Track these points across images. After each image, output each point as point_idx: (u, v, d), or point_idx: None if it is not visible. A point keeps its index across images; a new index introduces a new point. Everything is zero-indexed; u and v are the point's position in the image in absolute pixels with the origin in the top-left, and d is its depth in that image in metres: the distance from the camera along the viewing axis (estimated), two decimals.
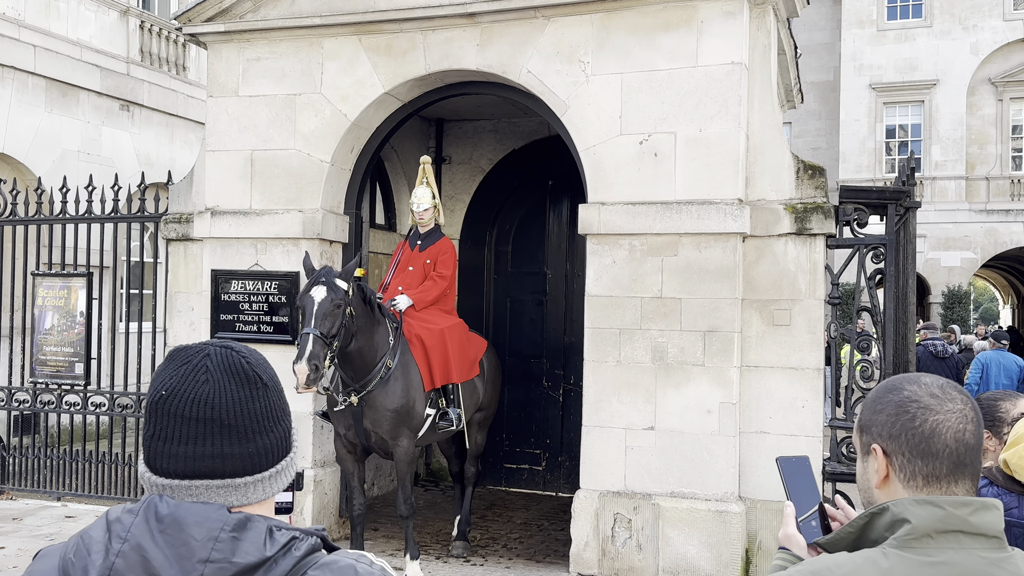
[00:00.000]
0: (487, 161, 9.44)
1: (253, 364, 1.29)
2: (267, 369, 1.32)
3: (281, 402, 1.32)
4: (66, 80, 12.34)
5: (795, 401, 6.14)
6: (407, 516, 6.09)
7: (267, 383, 1.29)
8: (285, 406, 1.33)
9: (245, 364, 1.28)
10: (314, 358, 5.22)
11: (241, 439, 1.25)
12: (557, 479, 9.07)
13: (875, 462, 1.53)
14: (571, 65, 6.44)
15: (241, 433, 1.24)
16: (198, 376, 1.25)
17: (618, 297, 6.30)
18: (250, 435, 1.25)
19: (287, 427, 1.32)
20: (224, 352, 1.29)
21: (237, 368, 1.27)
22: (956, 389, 1.52)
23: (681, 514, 6.09)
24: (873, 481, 1.54)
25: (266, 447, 1.27)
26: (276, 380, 1.33)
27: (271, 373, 1.32)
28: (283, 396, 1.33)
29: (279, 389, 1.32)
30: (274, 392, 1.30)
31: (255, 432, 1.26)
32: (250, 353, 1.31)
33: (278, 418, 1.30)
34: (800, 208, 6.13)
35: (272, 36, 7.23)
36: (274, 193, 7.20)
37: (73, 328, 8.29)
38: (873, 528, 1.47)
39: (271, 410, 1.29)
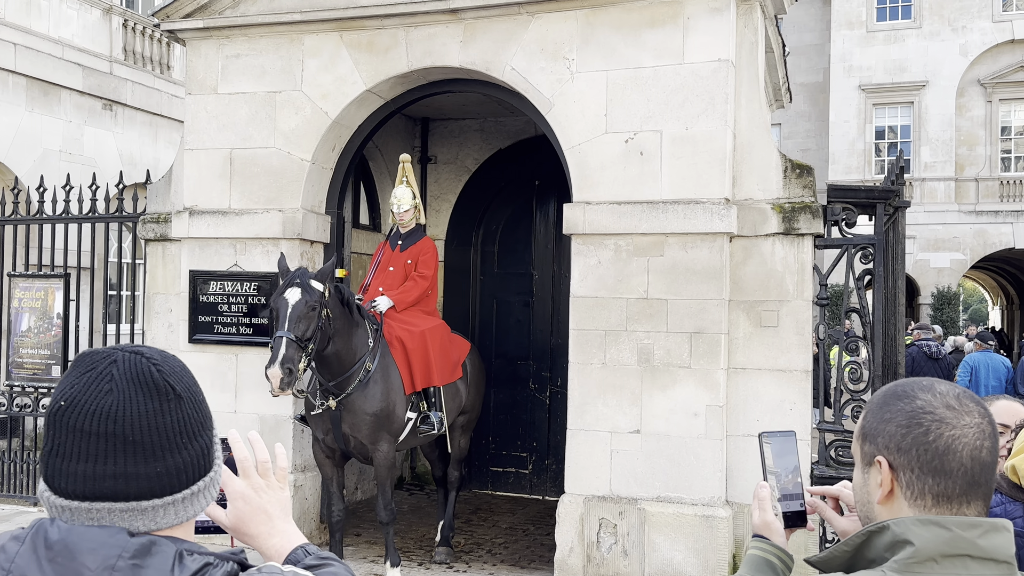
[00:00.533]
0: (473, 161, 9.32)
1: (165, 372, 1.16)
2: (183, 378, 1.19)
3: (199, 415, 1.19)
4: (47, 79, 12.18)
5: (783, 403, 6.04)
6: (387, 522, 5.97)
7: (181, 394, 1.16)
8: (205, 419, 1.20)
9: (155, 372, 1.15)
10: (287, 362, 5.09)
11: (148, 457, 1.11)
12: (544, 483, 8.95)
13: (878, 475, 1.39)
14: (556, 62, 6.33)
15: (148, 451, 1.11)
16: (101, 385, 1.12)
17: (603, 298, 6.19)
18: (159, 453, 1.12)
19: (206, 443, 1.19)
20: (132, 359, 1.15)
21: (146, 377, 1.14)
22: (973, 400, 1.38)
23: (667, 519, 5.98)
24: (874, 496, 1.40)
25: (178, 466, 1.14)
26: (194, 390, 1.20)
27: (188, 382, 1.20)
28: (203, 408, 1.20)
29: (198, 400, 1.19)
30: (190, 404, 1.17)
31: (165, 449, 1.13)
32: (164, 360, 1.19)
33: (194, 433, 1.17)
34: (788, 208, 6.03)
35: (252, 32, 7.10)
36: (254, 192, 7.07)
37: (50, 330, 8.13)
38: (871, 547, 1.34)
39: (185, 424, 1.16)
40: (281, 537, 1.37)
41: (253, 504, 1.37)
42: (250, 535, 1.39)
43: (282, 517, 1.39)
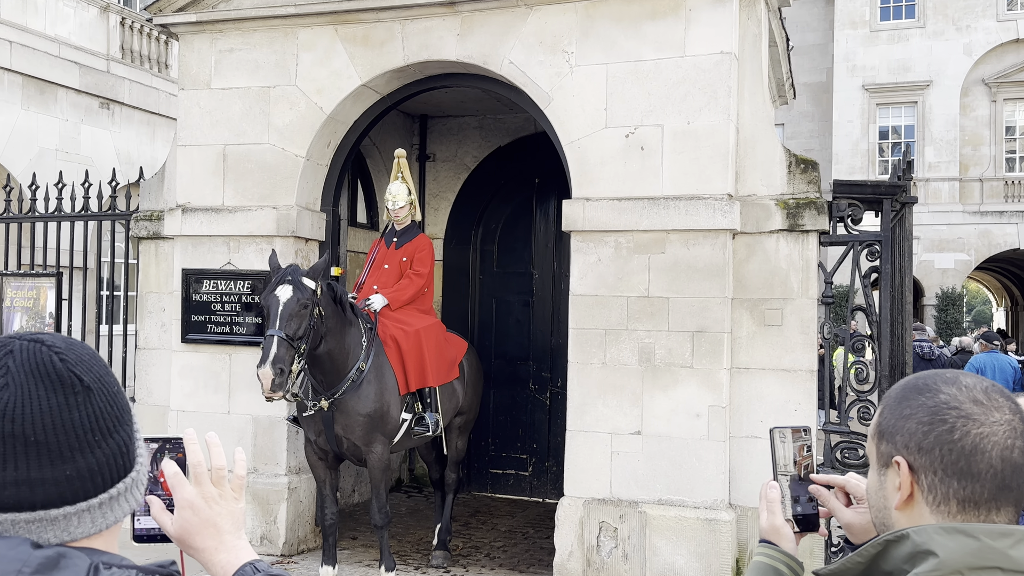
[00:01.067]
0: (472, 159, 9.19)
1: (70, 361, 1.01)
2: (93, 367, 1.04)
3: (113, 408, 1.04)
4: (43, 77, 12.07)
5: (788, 404, 5.89)
6: (382, 526, 5.83)
7: (90, 385, 1.01)
8: (121, 413, 1.05)
9: (57, 362, 1.00)
10: (279, 361, 4.94)
11: (55, 459, 0.97)
12: (544, 485, 8.81)
13: (896, 478, 1.24)
14: (555, 56, 6.20)
15: (55, 452, 0.97)
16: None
17: (603, 296, 6.05)
18: (67, 454, 0.98)
19: (124, 439, 1.04)
20: (31, 348, 1.01)
21: (47, 368, 0.99)
22: (1003, 394, 1.24)
23: (669, 522, 5.84)
24: (892, 500, 1.26)
25: (91, 468, 1.00)
26: (106, 380, 1.05)
27: (99, 372, 1.04)
28: (118, 400, 1.05)
29: (111, 392, 1.04)
30: (101, 396, 1.02)
31: (74, 449, 0.98)
32: (69, 347, 1.03)
33: (108, 429, 1.02)
34: (792, 204, 5.89)
35: (245, 26, 6.97)
36: (247, 189, 6.94)
37: (42, 330, 8.00)
38: (888, 559, 1.19)
39: (97, 420, 1.01)
40: (229, 553, 1.23)
41: (202, 515, 1.23)
42: (196, 548, 1.24)
43: (233, 531, 1.24)
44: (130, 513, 1.05)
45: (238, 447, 1.38)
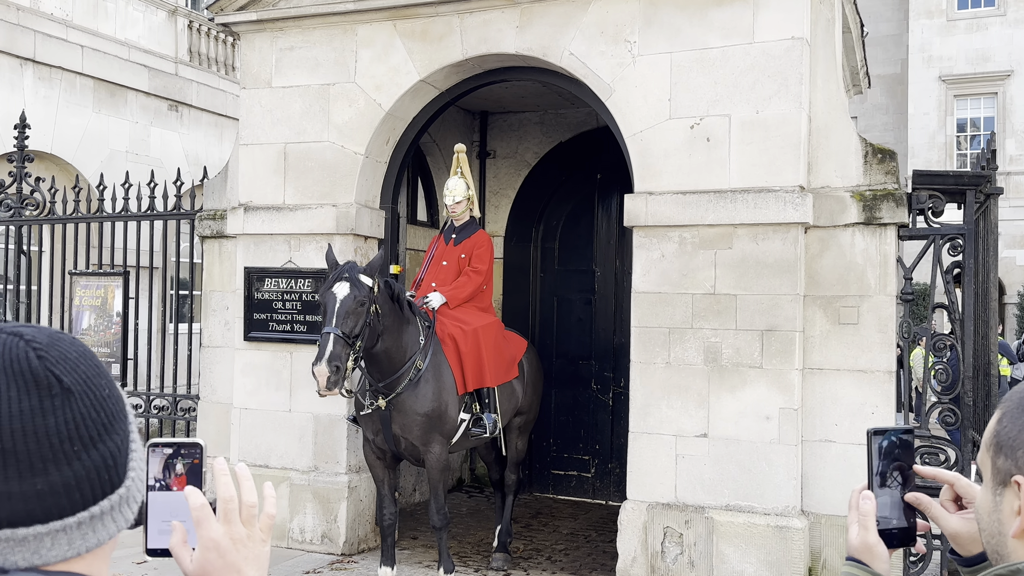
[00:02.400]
0: (533, 155, 9.05)
1: (50, 360, 0.88)
2: (78, 366, 0.91)
3: (100, 414, 0.91)
4: (114, 80, 12.33)
5: (864, 407, 5.60)
6: (440, 527, 5.73)
7: (70, 387, 0.88)
8: (111, 419, 0.92)
9: (34, 360, 0.88)
10: (334, 359, 4.87)
11: (24, 471, 0.84)
12: (607, 487, 8.62)
13: (1016, 500, 1.06)
14: (616, 45, 6.01)
15: (23, 462, 0.84)
16: None
17: (667, 294, 5.85)
18: (39, 465, 0.85)
19: (112, 450, 0.91)
20: (8, 342, 0.88)
21: (21, 365, 0.87)
22: None
23: (737, 529, 5.60)
24: (1008, 526, 1.07)
25: (67, 482, 0.87)
26: (94, 383, 0.92)
27: (85, 372, 0.91)
28: (107, 405, 0.92)
29: (98, 395, 0.91)
30: (85, 400, 0.89)
31: (47, 460, 0.86)
32: (51, 344, 0.91)
33: (92, 438, 0.89)
34: (869, 195, 5.60)
35: (305, 24, 6.95)
36: (307, 187, 6.92)
37: (110, 328, 8.13)
38: None
39: (77, 427, 0.88)
40: None
41: (228, 558, 1.08)
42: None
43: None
44: (118, 533, 0.92)
45: (267, 483, 1.25)
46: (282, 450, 6.94)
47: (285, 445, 6.93)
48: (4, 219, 8.56)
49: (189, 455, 1.31)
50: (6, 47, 10.92)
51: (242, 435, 7.09)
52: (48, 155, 11.38)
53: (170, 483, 1.31)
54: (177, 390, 8.05)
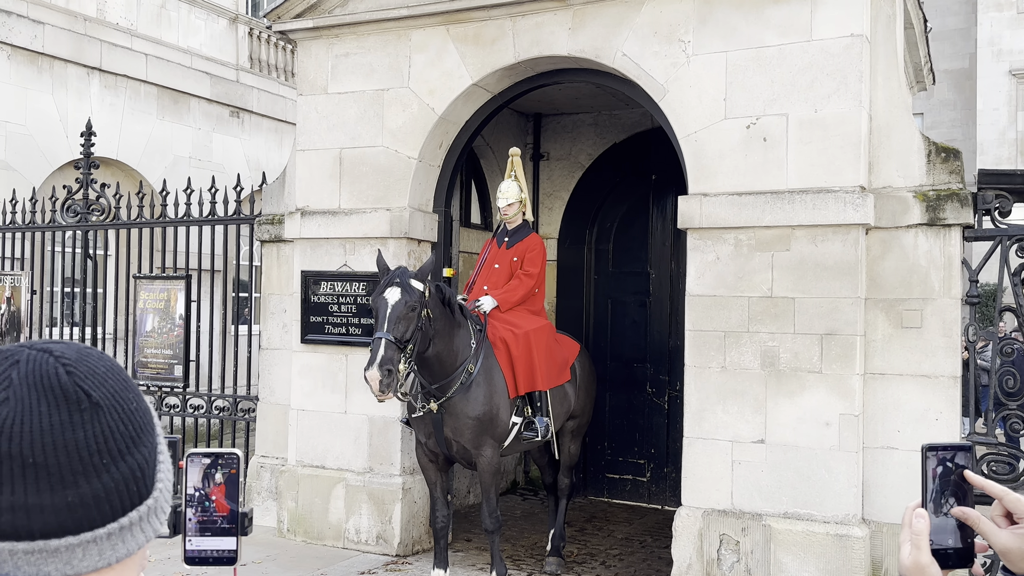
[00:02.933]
0: (586, 156, 9.00)
1: (79, 375, 0.90)
2: (106, 381, 0.92)
3: (128, 427, 0.92)
4: (177, 88, 12.62)
5: (928, 413, 5.44)
6: (492, 530, 5.72)
7: (99, 402, 0.90)
8: (139, 432, 0.93)
9: (63, 375, 0.89)
10: (386, 363, 4.91)
11: (56, 484, 0.86)
12: (663, 491, 8.53)
13: None
14: (670, 45, 5.94)
15: (55, 475, 0.86)
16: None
17: (722, 297, 5.76)
18: (69, 478, 0.87)
19: (140, 462, 0.93)
20: (38, 358, 0.90)
21: (51, 381, 0.88)
22: None
23: (795, 537, 5.49)
24: None
25: (97, 494, 0.88)
26: (122, 396, 0.93)
27: (113, 387, 0.92)
28: (135, 418, 0.93)
29: (127, 409, 0.92)
30: (112, 415, 0.90)
31: (77, 473, 0.87)
32: (80, 359, 0.92)
33: (120, 452, 0.90)
34: (932, 195, 5.44)
35: (360, 30, 7.02)
36: (362, 192, 6.99)
37: (172, 331, 8.32)
38: None
39: (107, 440, 0.89)
40: None
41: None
42: None
43: None
44: (147, 543, 0.94)
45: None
46: (338, 451, 7.02)
47: (341, 446, 7.01)
48: (71, 224, 8.83)
49: (227, 465, 1.32)
50: (74, 57, 11.27)
51: (299, 436, 7.19)
52: (114, 161, 11.70)
53: (208, 492, 1.33)
54: (237, 391, 8.20)
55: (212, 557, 1.30)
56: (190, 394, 8.24)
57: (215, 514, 1.32)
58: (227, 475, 1.29)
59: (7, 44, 10.56)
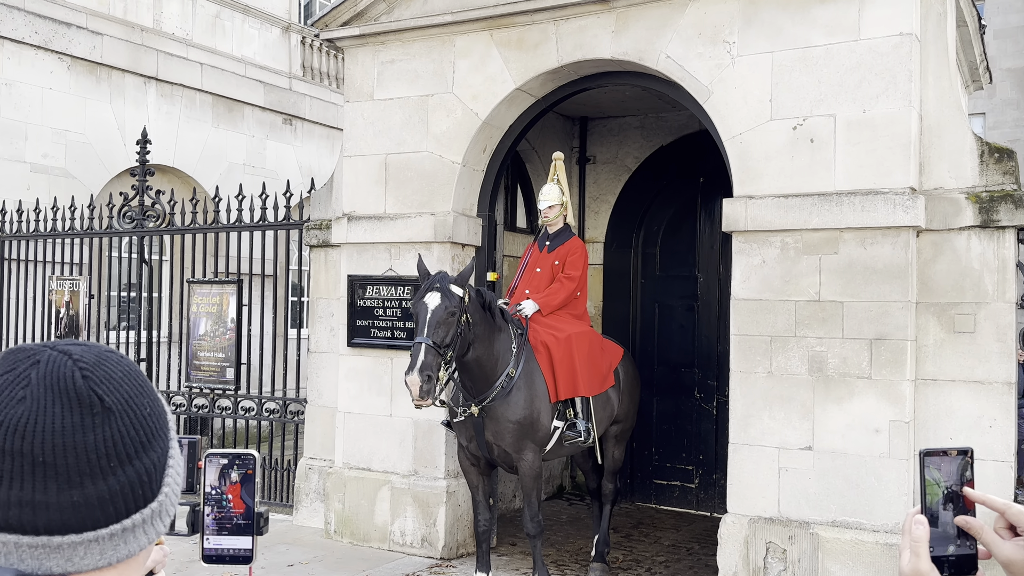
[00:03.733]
0: (633, 159, 8.96)
1: (94, 380, 0.93)
2: (121, 386, 0.95)
3: (139, 432, 0.95)
4: (231, 96, 12.89)
5: (981, 420, 5.29)
6: (534, 535, 5.71)
7: (111, 407, 0.92)
8: (150, 437, 0.96)
9: (79, 379, 0.92)
10: (426, 368, 4.94)
11: (62, 483, 0.89)
12: (711, 498, 8.43)
13: None
14: (715, 47, 5.88)
15: (62, 475, 0.89)
16: (14, 392, 0.90)
17: (768, 301, 5.67)
18: (76, 478, 0.90)
19: (148, 466, 0.95)
20: (57, 360, 0.93)
21: (67, 383, 0.91)
22: None
23: (844, 546, 5.38)
24: None
25: (102, 496, 0.91)
26: (136, 402, 0.96)
27: (128, 392, 0.95)
28: (147, 423, 0.96)
29: (139, 414, 0.95)
30: (124, 419, 0.93)
31: (84, 474, 0.90)
32: (97, 363, 0.95)
33: (128, 455, 0.93)
34: (985, 197, 5.29)
35: (405, 37, 7.09)
36: (407, 197, 7.05)
37: (224, 334, 8.48)
38: None
39: (115, 444, 0.92)
40: None
41: None
42: None
43: None
44: (149, 545, 0.96)
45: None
46: (383, 454, 7.08)
47: (386, 449, 7.07)
48: (128, 230, 9.07)
49: (243, 465, 1.36)
50: (131, 67, 11.58)
51: (346, 438, 7.27)
52: (170, 168, 11.99)
53: (224, 491, 1.36)
54: (287, 394, 8.33)
55: (229, 555, 1.33)
56: (241, 396, 8.40)
57: (232, 512, 1.35)
58: (243, 474, 1.33)
59: (67, 55, 10.90)
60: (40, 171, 10.61)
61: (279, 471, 8.32)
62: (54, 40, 10.74)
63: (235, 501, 1.34)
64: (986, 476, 5.16)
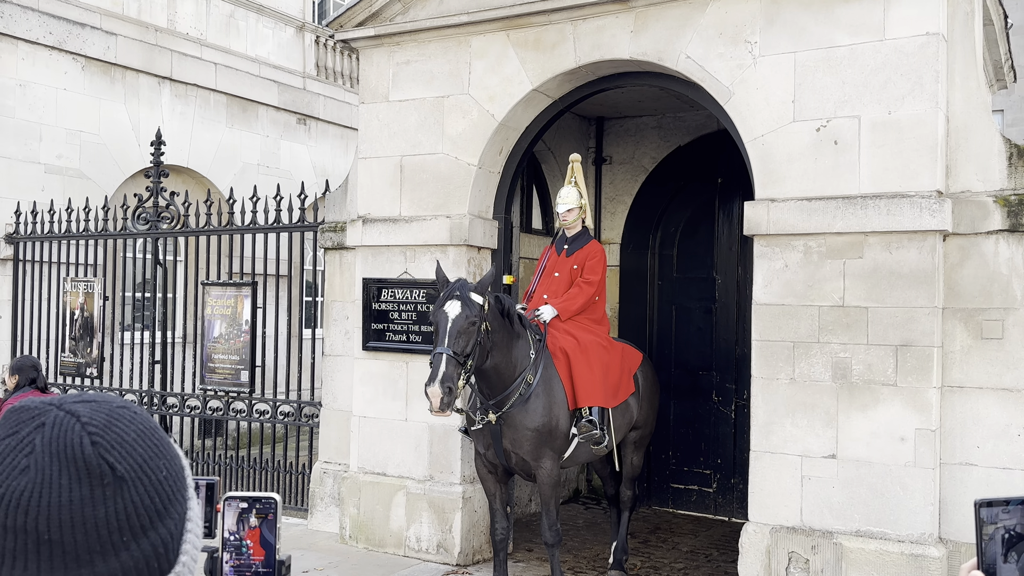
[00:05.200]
0: (650, 160, 8.85)
1: (104, 446, 0.84)
2: (134, 451, 0.86)
3: (156, 500, 0.86)
4: (246, 96, 12.84)
5: (1009, 428, 5.18)
6: (552, 544, 5.63)
7: (123, 476, 0.84)
8: (167, 504, 0.88)
9: (87, 446, 0.83)
10: (447, 380, 4.87)
11: (70, 563, 0.81)
12: (729, 503, 8.33)
13: None
14: (736, 47, 5.78)
15: (70, 554, 0.81)
16: (17, 460, 0.82)
17: (791, 306, 5.57)
18: (84, 557, 0.81)
19: (165, 536, 0.87)
20: (64, 422, 0.84)
21: (74, 451, 0.83)
22: None
23: (868, 556, 5.27)
24: None
25: (114, 573, 0.83)
26: (150, 466, 0.87)
27: (141, 456, 0.86)
28: (163, 489, 0.87)
29: (154, 480, 0.87)
30: (138, 488, 0.85)
31: (94, 552, 0.82)
32: (107, 426, 0.86)
33: (143, 527, 0.85)
34: (1014, 200, 5.17)
35: (421, 38, 7.01)
36: (422, 199, 6.97)
37: (239, 336, 8.44)
38: None
39: (129, 517, 0.84)
40: None
41: None
42: None
43: None
44: None
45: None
46: (399, 458, 7.02)
47: (402, 454, 7.00)
48: (142, 231, 9.03)
49: (264, 509, 1.28)
50: (145, 67, 11.55)
51: (361, 443, 7.21)
52: (184, 169, 11.96)
53: (243, 536, 1.29)
54: (302, 396, 8.28)
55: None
56: (256, 399, 8.36)
57: (251, 560, 1.27)
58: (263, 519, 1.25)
59: (81, 55, 10.88)
60: (54, 172, 10.60)
61: (294, 474, 8.27)
62: (68, 40, 10.72)
63: (255, 548, 1.26)
64: (1014, 486, 5.05)
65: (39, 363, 6.24)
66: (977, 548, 1.16)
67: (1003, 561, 1.15)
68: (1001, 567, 1.15)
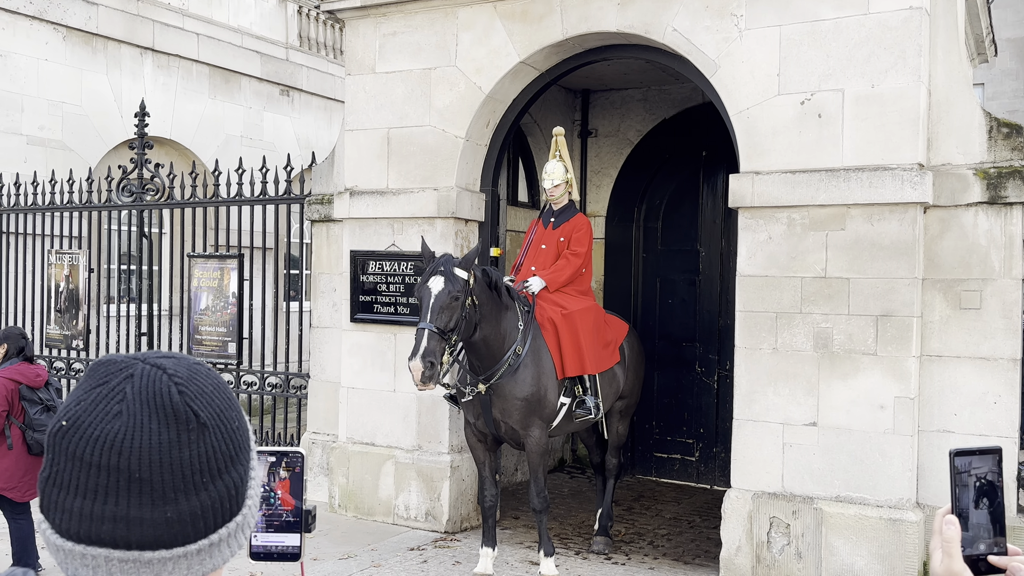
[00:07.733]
0: (635, 133, 8.90)
1: (189, 395, 0.92)
2: (213, 400, 0.94)
3: (229, 446, 0.95)
4: (228, 67, 12.75)
5: (986, 396, 5.32)
6: (540, 510, 5.74)
7: (206, 422, 0.92)
8: (238, 450, 0.96)
9: (175, 395, 0.91)
10: (429, 354, 4.95)
11: (157, 499, 0.89)
12: (711, 471, 8.49)
13: None
14: (722, 20, 5.82)
15: (157, 491, 0.89)
16: (110, 406, 0.90)
17: (774, 277, 5.67)
18: (170, 495, 0.90)
19: (236, 480, 0.95)
20: (151, 374, 0.92)
21: (163, 399, 0.91)
22: None
23: (848, 521, 5.42)
24: None
25: (194, 512, 0.91)
26: (227, 415, 0.95)
27: (219, 405, 0.95)
28: (236, 437, 0.96)
29: (230, 428, 0.95)
30: (217, 434, 0.93)
31: (179, 491, 0.90)
32: (191, 377, 0.94)
33: (220, 470, 0.93)
34: (993, 173, 5.27)
35: (408, 9, 7.00)
36: (410, 171, 7.00)
37: (226, 308, 8.46)
38: None
39: (209, 460, 0.92)
40: None
41: None
42: None
43: None
44: (232, 557, 0.96)
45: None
46: (387, 429, 7.10)
47: (390, 424, 7.09)
48: (127, 204, 9.00)
49: (292, 463, 1.36)
50: (127, 37, 11.44)
51: (349, 414, 7.28)
52: (168, 140, 11.88)
53: (274, 487, 1.37)
54: (290, 368, 8.33)
55: (276, 553, 1.34)
56: (244, 371, 8.40)
57: (280, 509, 1.36)
58: (292, 472, 1.34)
59: (62, 25, 10.75)
60: (37, 144, 10.51)
61: (282, 445, 8.34)
62: (49, 10, 10.59)
63: (284, 498, 1.35)
64: None
65: (26, 333, 6.25)
66: (952, 494, 1.24)
67: (975, 507, 1.24)
68: (972, 512, 1.23)
